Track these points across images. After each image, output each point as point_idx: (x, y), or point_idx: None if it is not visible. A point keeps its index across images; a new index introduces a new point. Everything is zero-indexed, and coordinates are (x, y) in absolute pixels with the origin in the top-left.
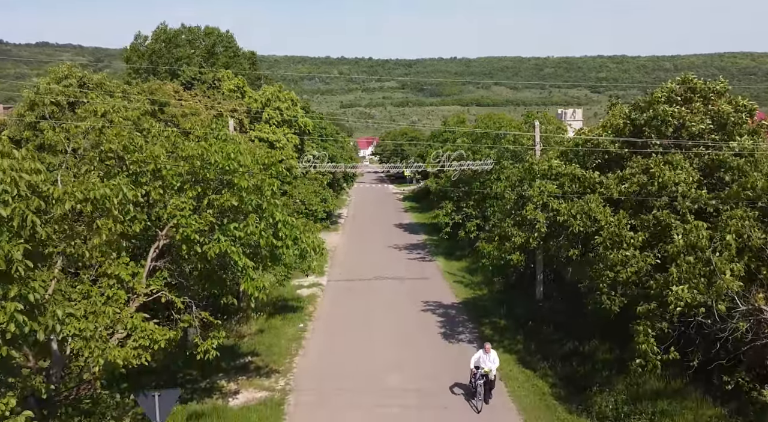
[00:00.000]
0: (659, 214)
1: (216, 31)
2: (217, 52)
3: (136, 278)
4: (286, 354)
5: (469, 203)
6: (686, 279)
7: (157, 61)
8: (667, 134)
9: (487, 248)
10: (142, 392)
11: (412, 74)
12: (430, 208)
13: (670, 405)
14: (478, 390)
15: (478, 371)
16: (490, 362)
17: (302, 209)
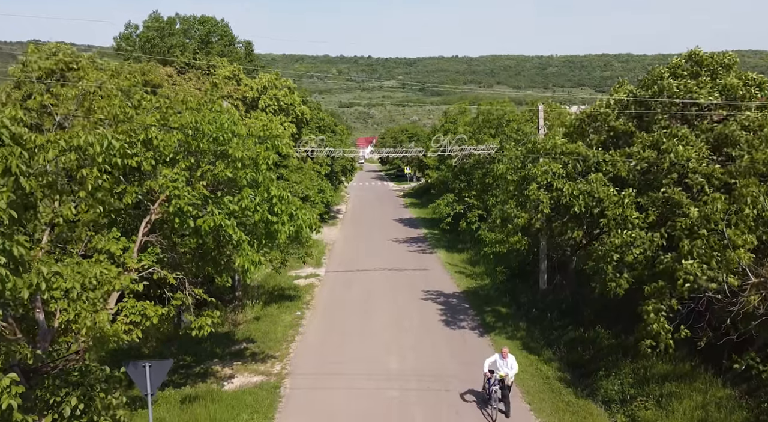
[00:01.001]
0: (670, 191)
1: (211, 20)
2: (212, 42)
3: (126, 253)
4: (283, 340)
5: (471, 193)
6: (697, 254)
7: (150, 50)
8: (674, 108)
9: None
10: (133, 363)
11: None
12: (431, 204)
13: (679, 387)
14: (492, 397)
15: (493, 375)
16: (507, 368)
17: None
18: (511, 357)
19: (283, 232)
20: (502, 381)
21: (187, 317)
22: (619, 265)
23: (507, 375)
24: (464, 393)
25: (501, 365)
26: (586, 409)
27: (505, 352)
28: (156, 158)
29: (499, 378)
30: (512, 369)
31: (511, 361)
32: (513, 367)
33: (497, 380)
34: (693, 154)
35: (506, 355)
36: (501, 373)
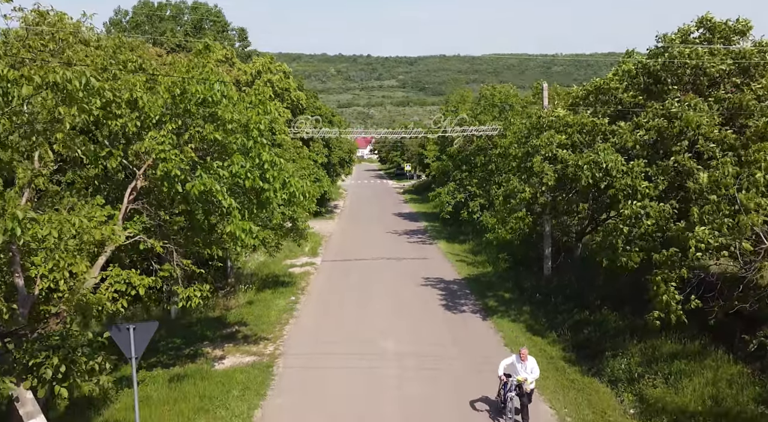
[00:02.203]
0: (680, 158)
1: (203, 6)
2: (205, 28)
3: (111, 221)
4: (276, 323)
5: (473, 181)
6: (708, 221)
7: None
8: (684, 78)
9: (492, 222)
10: (116, 325)
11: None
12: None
13: (688, 365)
14: (507, 406)
15: (510, 380)
16: (526, 372)
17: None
18: (531, 358)
19: (275, 199)
20: (519, 387)
21: (176, 288)
22: (630, 238)
23: (526, 379)
24: (475, 401)
25: (519, 368)
26: (592, 387)
27: (524, 353)
28: (142, 120)
29: (517, 383)
30: (532, 373)
31: (531, 364)
32: (533, 371)
33: (514, 385)
34: (705, 120)
35: (525, 356)
36: (519, 377)
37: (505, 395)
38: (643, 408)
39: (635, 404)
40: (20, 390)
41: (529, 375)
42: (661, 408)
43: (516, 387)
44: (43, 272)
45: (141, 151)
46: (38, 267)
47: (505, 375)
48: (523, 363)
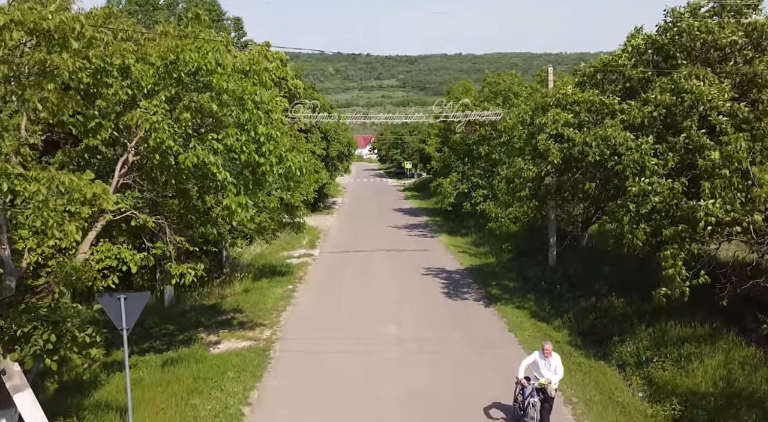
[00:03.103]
0: (692, 133)
1: None
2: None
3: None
4: (273, 310)
5: (476, 171)
6: (720, 195)
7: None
8: (694, 53)
9: (495, 210)
10: (107, 294)
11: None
12: (433, 195)
13: (699, 348)
14: (529, 413)
15: (531, 383)
16: (550, 371)
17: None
18: (555, 355)
19: (272, 175)
20: (542, 391)
21: (168, 266)
22: (637, 216)
23: (550, 382)
24: (489, 408)
25: (542, 367)
26: (599, 369)
27: (547, 349)
28: (133, 89)
29: (539, 386)
30: (556, 374)
31: (555, 362)
32: (557, 371)
33: (535, 389)
34: (716, 93)
35: (549, 353)
36: (542, 380)
37: (525, 401)
38: (651, 391)
39: (644, 387)
40: (7, 362)
41: (554, 376)
42: (671, 390)
43: (538, 391)
44: (30, 245)
45: (132, 122)
46: (26, 240)
47: (525, 378)
48: (546, 361)
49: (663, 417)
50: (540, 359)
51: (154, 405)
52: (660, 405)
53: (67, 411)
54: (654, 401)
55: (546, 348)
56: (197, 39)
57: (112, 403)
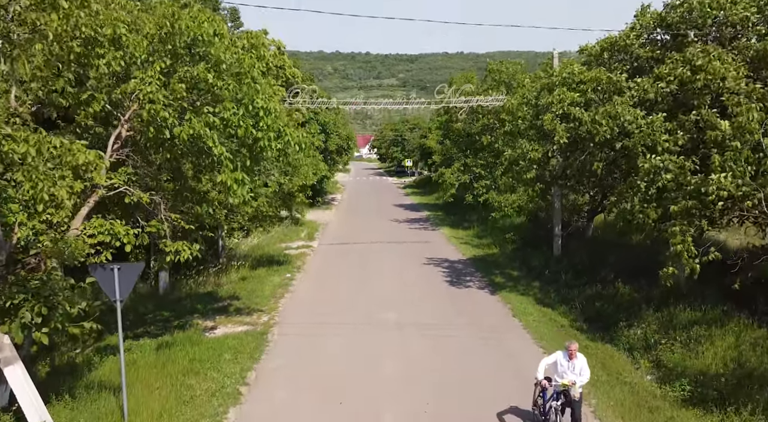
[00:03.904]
0: (704, 112)
1: None
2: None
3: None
4: (271, 297)
5: (478, 161)
6: (731, 168)
7: None
8: (705, 30)
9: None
10: (100, 265)
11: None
12: (434, 191)
13: (708, 330)
14: (550, 419)
15: (553, 386)
16: (573, 372)
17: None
18: (581, 357)
19: (270, 149)
20: (565, 394)
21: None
22: (647, 194)
23: (574, 383)
24: (503, 413)
25: (565, 368)
26: (606, 352)
27: (572, 349)
28: (126, 61)
29: (561, 388)
30: (582, 376)
31: (580, 363)
32: (583, 372)
33: (558, 392)
34: (730, 72)
35: (574, 353)
36: (565, 381)
37: (546, 405)
38: (660, 373)
39: (652, 370)
40: None
41: (579, 378)
42: (681, 372)
43: (560, 394)
44: (21, 219)
45: (126, 93)
46: (16, 215)
47: (546, 378)
48: (570, 363)
49: (672, 397)
50: (563, 360)
51: (148, 385)
52: (669, 386)
53: (59, 391)
54: (663, 383)
55: (571, 348)
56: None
57: (105, 383)
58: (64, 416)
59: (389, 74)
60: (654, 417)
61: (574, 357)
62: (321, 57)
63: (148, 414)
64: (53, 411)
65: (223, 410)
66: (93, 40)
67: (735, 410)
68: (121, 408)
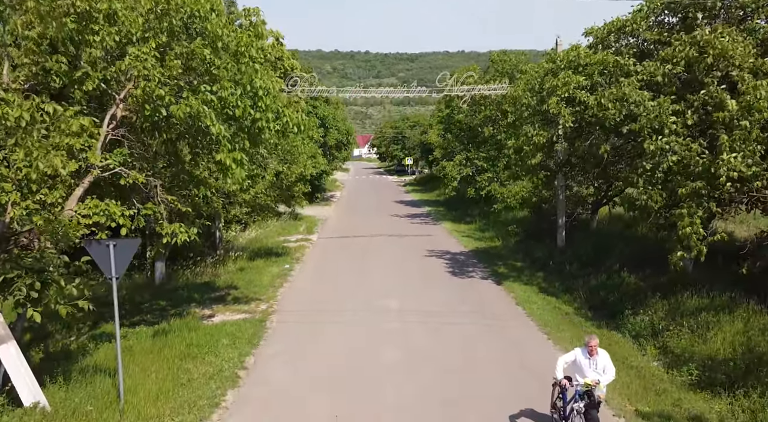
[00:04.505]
0: (712, 90)
1: None
2: None
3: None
4: (269, 286)
5: (480, 154)
6: (740, 148)
7: None
8: (714, 12)
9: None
10: (95, 241)
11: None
12: (435, 188)
13: (716, 316)
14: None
15: (574, 386)
16: (596, 372)
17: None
18: (603, 353)
19: (268, 130)
20: (588, 395)
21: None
22: (653, 177)
23: (597, 382)
24: (517, 417)
25: (585, 367)
26: (612, 338)
27: (593, 345)
28: (121, 37)
29: (584, 388)
30: (606, 374)
31: (602, 360)
32: (606, 370)
33: (580, 392)
34: (739, 50)
35: (595, 349)
36: (588, 380)
37: (566, 407)
38: (667, 360)
39: (659, 357)
40: None
41: (602, 377)
42: (688, 357)
43: (583, 395)
44: (14, 198)
45: (121, 70)
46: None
47: (566, 378)
48: (591, 359)
49: (680, 382)
50: (583, 357)
51: (144, 369)
52: (677, 370)
53: (53, 374)
54: (670, 368)
55: (591, 343)
56: None
57: (100, 367)
58: (58, 397)
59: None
60: (661, 400)
61: (595, 354)
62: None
63: (144, 395)
64: (47, 393)
65: (221, 392)
66: (87, 15)
67: (744, 393)
68: (116, 389)
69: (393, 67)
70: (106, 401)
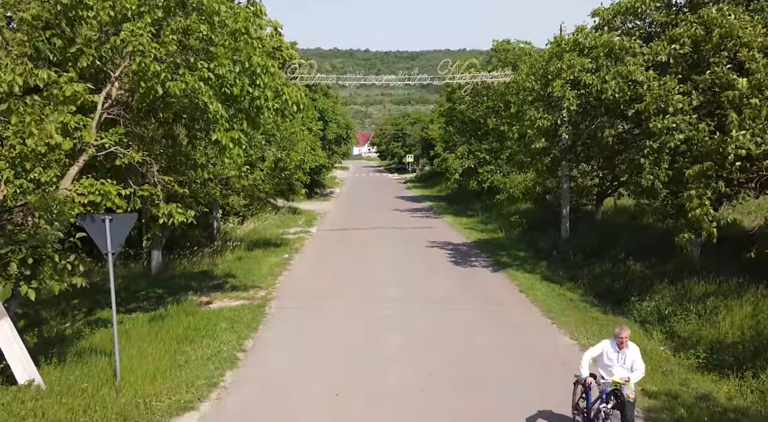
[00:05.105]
0: (718, 70)
1: None
2: None
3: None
4: (268, 275)
5: (482, 146)
6: (749, 126)
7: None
8: None
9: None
10: (90, 215)
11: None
12: (436, 185)
13: (724, 301)
14: None
15: (601, 384)
16: (624, 367)
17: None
18: (633, 346)
19: (267, 109)
20: (616, 395)
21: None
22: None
23: (628, 380)
24: (534, 418)
25: (614, 361)
26: (618, 323)
27: (623, 336)
28: (116, 12)
29: (612, 386)
30: (636, 370)
31: (632, 354)
32: (636, 365)
33: (607, 392)
34: (748, 30)
35: (625, 341)
36: (615, 378)
37: (590, 409)
38: (674, 344)
39: (666, 342)
40: None
41: (633, 374)
42: (696, 341)
43: (610, 396)
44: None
45: (116, 46)
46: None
47: (591, 375)
48: (620, 353)
49: (687, 364)
50: (612, 350)
51: (141, 351)
52: (684, 353)
53: (48, 355)
54: (677, 351)
55: (622, 335)
56: None
57: (96, 349)
58: (54, 375)
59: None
60: (668, 380)
61: (624, 346)
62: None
63: (141, 374)
64: (42, 373)
65: (219, 373)
66: None
67: (753, 374)
68: (113, 368)
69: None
70: (102, 379)
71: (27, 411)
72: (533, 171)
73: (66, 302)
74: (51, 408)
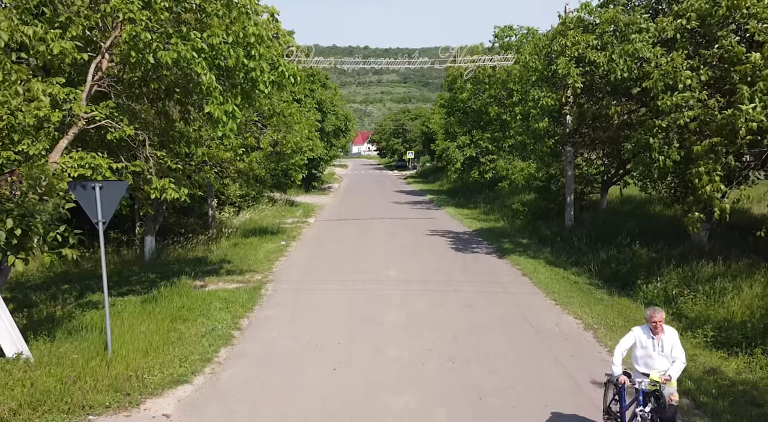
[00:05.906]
0: (726, 43)
1: None
2: None
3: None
4: (265, 260)
5: (485, 135)
6: (760, 99)
7: None
8: None
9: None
10: (80, 183)
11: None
12: (437, 180)
13: (733, 282)
14: None
15: (639, 383)
16: (663, 355)
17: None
18: (670, 331)
19: (263, 83)
20: (655, 396)
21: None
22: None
23: (669, 379)
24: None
25: (649, 350)
26: (623, 304)
27: (657, 320)
28: None
29: (650, 386)
30: (677, 360)
31: (670, 340)
32: (675, 352)
33: (644, 392)
34: None
35: (660, 326)
36: (653, 375)
37: (625, 412)
38: (682, 324)
39: (673, 322)
40: None
41: (672, 369)
42: (704, 321)
43: (648, 395)
44: None
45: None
46: None
47: (625, 373)
48: (656, 339)
49: (695, 342)
50: (645, 337)
51: (133, 328)
52: (692, 332)
53: (38, 332)
54: (685, 331)
55: (655, 318)
56: None
57: (87, 326)
58: (44, 348)
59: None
60: None
61: (660, 331)
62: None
63: (133, 349)
64: (32, 347)
65: (214, 349)
66: None
67: (763, 351)
68: (104, 342)
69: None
70: (93, 352)
71: (15, 381)
72: (536, 156)
73: (56, 286)
74: (40, 378)
